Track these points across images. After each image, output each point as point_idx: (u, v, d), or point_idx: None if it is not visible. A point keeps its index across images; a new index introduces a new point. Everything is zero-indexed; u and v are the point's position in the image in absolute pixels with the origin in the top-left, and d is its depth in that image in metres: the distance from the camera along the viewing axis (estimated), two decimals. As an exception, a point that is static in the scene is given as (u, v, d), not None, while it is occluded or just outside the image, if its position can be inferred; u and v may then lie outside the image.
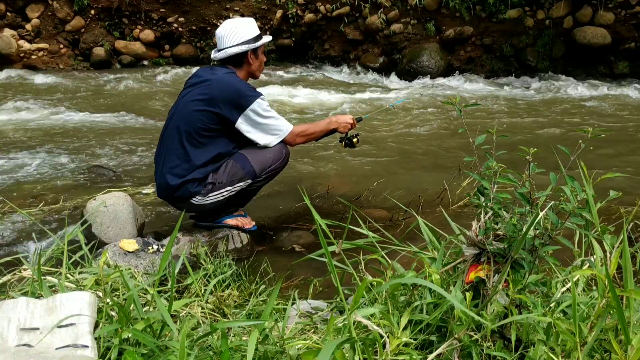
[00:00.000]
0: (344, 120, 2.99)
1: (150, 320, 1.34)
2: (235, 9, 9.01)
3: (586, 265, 1.61)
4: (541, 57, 8.01)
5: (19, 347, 1.27)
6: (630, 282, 1.26)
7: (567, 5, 7.71)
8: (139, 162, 4.31)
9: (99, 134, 5.16)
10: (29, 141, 4.87)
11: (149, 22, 9.28)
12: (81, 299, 1.39)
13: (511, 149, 1.64)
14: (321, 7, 8.68)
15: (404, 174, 3.95)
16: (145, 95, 7.05)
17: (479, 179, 1.49)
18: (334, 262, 1.52)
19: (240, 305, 1.96)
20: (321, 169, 4.04)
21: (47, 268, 1.78)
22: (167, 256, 1.44)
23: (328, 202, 3.34)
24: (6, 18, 8.96)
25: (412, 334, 1.32)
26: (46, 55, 9.08)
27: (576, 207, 1.34)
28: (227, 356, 1.22)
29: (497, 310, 1.32)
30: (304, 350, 1.30)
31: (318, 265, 2.36)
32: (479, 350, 1.28)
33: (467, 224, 1.51)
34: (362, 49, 8.85)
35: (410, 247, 1.85)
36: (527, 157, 1.43)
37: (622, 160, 4.19)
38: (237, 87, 2.63)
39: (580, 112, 5.97)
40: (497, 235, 1.38)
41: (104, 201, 2.73)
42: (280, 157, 2.76)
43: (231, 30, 2.68)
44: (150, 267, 2.35)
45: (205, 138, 2.61)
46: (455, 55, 8.39)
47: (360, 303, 1.40)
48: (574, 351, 1.20)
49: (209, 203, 2.65)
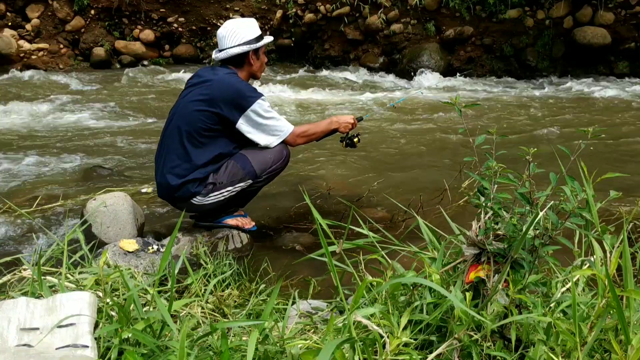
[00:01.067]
0: (344, 120, 2.99)
1: (150, 320, 1.34)
2: (235, 9, 9.01)
3: (586, 265, 1.61)
4: (541, 57, 8.01)
5: (19, 347, 1.27)
6: (630, 282, 1.26)
7: (567, 5, 7.71)
8: (139, 162, 4.31)
9: (99, 134, 5.16)
10: (29, 141, 4.87)
11: (149, 22, 9.28)
12: (81, 299, 1.39)
13: (511, 149, 1.65)
14: (321, 7, 8.67)
15: (404, 174, 3.95)
16: (145, 95, 7.05)
17: (479, 179, 1.49)
18: (334, 262, 1.52)
19: (240, 305, 1.96)
20: (321, 169, 4.04)
21: (47, 268, 1.78)
22: (167, 256, 1.44)
23: (328, 202, 3.34)
24: (6, 18, 8.96)
25: (412, 334, 1.32)
26: (46, 55, 9.08)
27: (576, 207, 1.34)
28: (227, 356, 1.22)
29: (497, 310, 1.32)
30: (304, 350, 1.30)
31: (318, 265, 2.36)
32: (479, 350, 1.28)
33: (467, 224, 1.51)
34: (362, 49, 8.85)
35: (410, 247, 1.85)
36: (527, 157, 1.44)
37: (622, 160, 4.19)
38: (238, 87, 2.63)
39: (580, 112, 5.97)
40: (497, 235, 1.38)
41: (104, 201, 2.73)
42: (281, 157, 2.76)
43: (232, 31, 2.68)
44: (150, 267, 2.35)
45: (205, 138, 2.61)
46: (455, 55, 8.39)
47: (360, 303, 1.40)
48: (574, 351, 1.20)
49: (210, 203, 2.65)
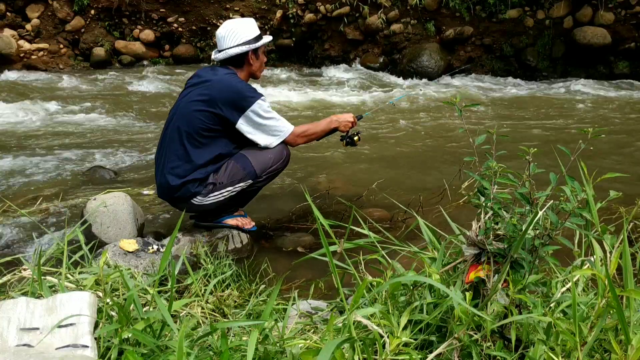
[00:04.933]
0: (344, 119, 2.99)
1: (150, 320, 1.34)
2: (235, 9, 9.01)
3: (586, 265, 1.61)
4: (541, 57, 8.02)
5: (19, 347, 1.27)
6: (630, 282, 1.26)
7: (567, 5, 7.71)
8: (139, 162, 4.32)
9: (99, 134, 5.16)
10: (29, 141, 4.87)
11: (149, 22, 9.28)
12: (81, 299, 1.39)
13: (511, 149, 1.64)
14: (321, 7, 8.68)
15: (404, 174, 3.95)
16: (145, 95, 7.05)
17: (479, 179, 1.49)
18: (335, 262, 1.52)
19: (240, 306, 1.96)
20: (321, 169, 4.04)
21: (47, 268, 1.78)
22: (167, 256, 1.44)
23: (328, 202, 3.34)
24: (6, 18, 8.96)
25: (412, 334, 1.32)
26: (46, 55, 9.08)
27: (576, 207, 1.34)
28: (227, 356, 1.22)
29: (497, 310, 1.32)
30: (304, 350, 1.30)
31: (318, 265, 2.36)
32: (479, 350, 1.28)
33: (467, 224, 1.51)
34: (362, 49, 8.85)
35: (410, 247, 1.85)
36: (527, 157, 1.43)
37: (623, 160, 4.19)
38: (237, 88, 2.63)
39: (581, 112, 5.97)
40: (497, 235, 1.38)
41: (104, 201, 2.73)
42: (281, 157, 2.76)
43: (231, 31, 2.67)
44: (150, 267, 2.35)
45: (205, 138, 2.61)
46: (455, 55, 8.40)
47: (360, 303, 1.40)
48: (574, 351, 1.20)
49: (210, 203, 2.65)
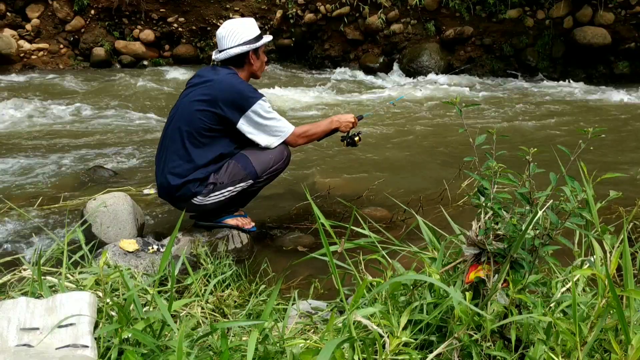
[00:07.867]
0: (345, 119, 2.99)
1: (150, 320, 1.34)
2: (235, 9, 9.01)
3: (586, 265, 1.61)
4: (541, 57, 8.01)
5: (19, 347, 1.27)
6: (631, 282, 1.26)
7: (567, 5, 7.71)
8: (139, 162, 4.32)
9: (99, 134, 5.16)
10: (29, 141, 4.87)
11: (149, 22, 9.28)
12: (81, 299, 1.39)
13: (511, 149, 1.64)
14: (321, 7, 8.68)
15: (404, 174, 3.95)
16: (145, 95, 7.05)
17: (479, 179, 1.49)
18: (335, 262, 1.52)
19: (240, 305, 1.96)
20: (321, 169, 4.04)
21: (47, 268, 1.78)
22: (167, 256, 1.44)
23: (328, 202, 3.34)
24: (6, 18, 8.96)
25: (412, 334, 1.32)
26: (46, 55, 9.08)
27: (576, 207, 1.34)
28: (227, 356, 1.22)
29: (497, 310, 1.32)
30: (304, 350, 1.30)
31: (318, 265, 2.36)
32: (479, 350, 1.28)
33: (467, 223, 1.51)
34: (362, 49, 8.85)
35: (410, 247, 1.85)
36: (527, 157, 1.43)
37: (623, 160, 4.19)
38: (238, 88, 2.63)
39: (580, 112, 5.97)
40: (497, 235, 1.38)
41: (104, 201, 2.73)
42: (282, 158, 2.76)
43: (231, 31, 2.67)
44: (150, 267, 2.35)
45: (206, 138, 2.61)
46: (455, 55, 8.39)
47: (360, 303, 1.40)
48: (574, 351, 1.20)
49: (210, 203, 2.65)
